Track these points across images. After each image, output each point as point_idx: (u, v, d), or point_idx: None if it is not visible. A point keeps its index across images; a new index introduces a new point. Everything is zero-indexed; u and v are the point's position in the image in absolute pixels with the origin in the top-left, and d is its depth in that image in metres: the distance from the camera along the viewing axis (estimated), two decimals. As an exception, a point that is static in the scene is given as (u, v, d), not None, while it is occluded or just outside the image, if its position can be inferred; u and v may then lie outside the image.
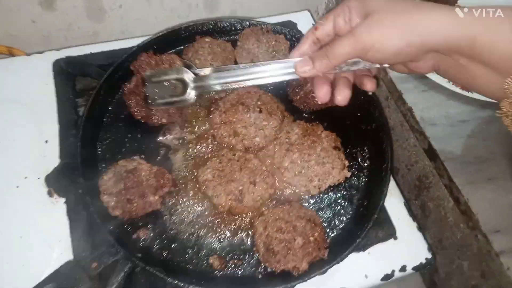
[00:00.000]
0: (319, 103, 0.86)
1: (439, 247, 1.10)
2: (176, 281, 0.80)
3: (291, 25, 1.26)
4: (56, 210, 0.94)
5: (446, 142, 1.04)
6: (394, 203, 1.04)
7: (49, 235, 0.91)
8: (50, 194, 0.95)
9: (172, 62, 0.96)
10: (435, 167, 1.05)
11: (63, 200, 0.94)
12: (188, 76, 0.84)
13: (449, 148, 1.03)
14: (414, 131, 1.11)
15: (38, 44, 1.29)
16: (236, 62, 1.10)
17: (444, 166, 1.01)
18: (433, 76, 1.09)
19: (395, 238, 0.99)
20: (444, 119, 1.08)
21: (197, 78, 0.84)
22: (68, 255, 0.88)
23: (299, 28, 1.27)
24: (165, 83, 0.85)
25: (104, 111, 1.02)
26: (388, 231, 0.97)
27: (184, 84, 0.85)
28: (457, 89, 1.08)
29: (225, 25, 1.15)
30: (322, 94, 0.78)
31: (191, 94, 0.85)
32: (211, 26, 1.14)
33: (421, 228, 1.02)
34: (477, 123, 1.08)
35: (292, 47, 1.15)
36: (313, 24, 1.30)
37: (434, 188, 1.08)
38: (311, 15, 1.32)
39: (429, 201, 1.11)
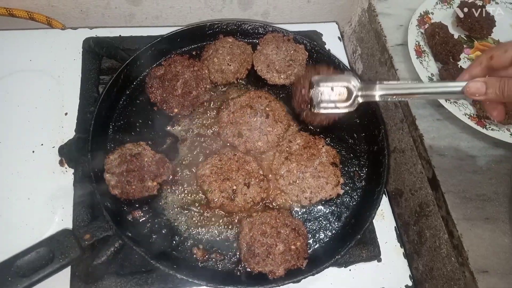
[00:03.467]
0: (496, 121, 0.89)
1: (429, 276, 1.11)
2: (158, 265, 0.84)
3: (315, 35, 1.27)
4: (64, 179, 1.00)
5: (451, 174, 1.04)
6: (385, 226, 1.05)
7: (54, 201, 0.98)
8: (61, 163, 1.02)
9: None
10: (435, 197, 1.05)
11: (72, 171, 1.01)
12: (354, 84, 0.87)
13: (453, 181, 1.03)
14: (421, 158, 1.11)
15: (76, 18, 1.35)
16: (253, 66, 1.13)
17: (444, 198, 1.01)
18: (450, 107, 1.08)
19: (379, 260, 1.00)
20: (453, 151, 1.07)
21: (363, 87, 0.87)
22: (68, 222, 0.95)
23: (324, 39, 1.28)
24: (331, 89, 0.88)
25: (122, 94, 1.07)
26: (373, 253, 0.99)
27: (349, 92, 0.87)
28: (472, 123, 1.06)
29: (249, 28, 1.18)
30: (496, 113, 0.82)
31: (355, 101, 0.87)
32: (235, 27, 1.16)
33: (407, 255, 1.03)
34: (487, 160, 1.07)
35: (311, 58, 1.17)
36: (338, 37, 1.31)
37: (433, 218, 1.08)
38: (338, 27, 1.32)
39: (427, 229, 1.11)
